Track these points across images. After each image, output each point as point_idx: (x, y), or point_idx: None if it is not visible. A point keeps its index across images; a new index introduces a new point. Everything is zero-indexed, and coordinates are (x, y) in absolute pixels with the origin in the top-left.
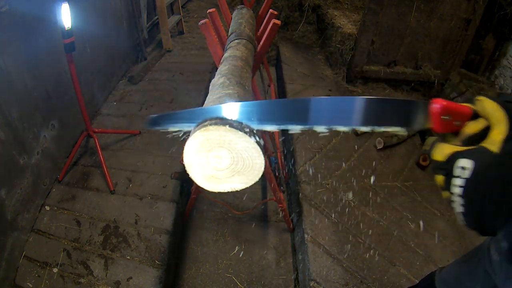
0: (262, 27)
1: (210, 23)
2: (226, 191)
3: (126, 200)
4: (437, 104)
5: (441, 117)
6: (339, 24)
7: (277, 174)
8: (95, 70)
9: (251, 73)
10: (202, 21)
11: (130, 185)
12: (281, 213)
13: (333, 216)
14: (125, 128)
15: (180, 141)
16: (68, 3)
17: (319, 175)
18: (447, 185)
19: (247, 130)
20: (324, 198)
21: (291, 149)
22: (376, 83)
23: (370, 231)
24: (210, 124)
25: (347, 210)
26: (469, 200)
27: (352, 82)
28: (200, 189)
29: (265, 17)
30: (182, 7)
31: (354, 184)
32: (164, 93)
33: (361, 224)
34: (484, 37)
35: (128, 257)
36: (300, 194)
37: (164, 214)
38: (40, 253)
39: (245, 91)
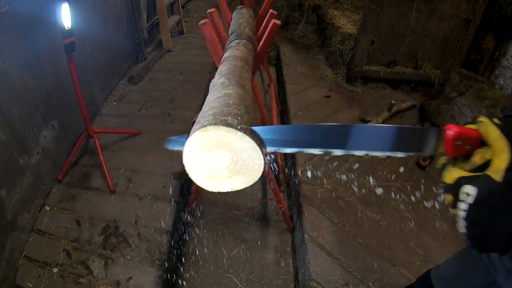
0: (262, 27)
1: (210, 23)
2: (225, 191)
3: (126, 200)
4: (451, 131)
5: (454, 143)
6: (339, 24)
7: (277, 174)
8: (95, 70)
9: (251, 73)
10: (202, 21)
11: (130, 185)
12: (281, 213)
13: (333, 216)
14: (125, 128)
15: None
16: (68, 3)
17: (319, 175)
18: (454, 206)
19: (247, 130)
20: (324, 198)
21: None
22: (376, 83)
23: (370, 231)
24: (210, 124)
25: (347, 210)
26: (472, 223)
27: (352, 82)
28: (200, 189)
29: (265, 17)
30: (182, 7)
31: (355, 184)
32: (164, 93)
33: (361, 224)
34: (484, 37)
35: (128, 257)
36: (300, 194)
37: (164, 214)
38: (40, 253)
39: (245, 91)
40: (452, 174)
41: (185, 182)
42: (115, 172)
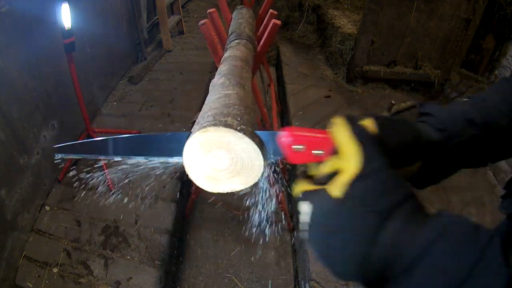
0: (262, 27)
1: (210, 23)
2: (225, 192)
3: (126, 200)
4: (284, 133)
5: (292, 147)
6: (339, 24)
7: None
8: (95, 70)
9: (251, 73)
10: (202, 21)
11: (130, 185)
12: (281, 213)
13: None
14: (125, 128)
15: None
16: (68, 3)
17: None
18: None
19: (246, 131)
20: None
21: None
22: (376, 83)
23: None
24: (210, 125)
25: None
26: (313, 245)
27: (352, 82)
28: (200, 189)
29: (265, 17)
30: (182, 7)
31: None
32: (164, 93)
33: None
34: (484, 37)
35: (128, 257)
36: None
37: (164, 214)
38: (40, 253)
39: (245, 92)
40: (296, 187)
41: (185, 182)
42: (115, 172)
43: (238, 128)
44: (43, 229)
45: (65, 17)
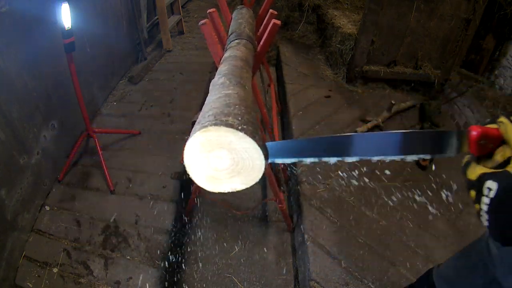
0: (262, 27)
1: (210, 23)
2: (226, 191)
3: (126, 200)
4: (475, 132)
5: (478, 142)
6: (339, 24)
7: (277, 174)
8: (95, 70)
9: (251, 73)
10: (202, 21)
11: (130, 185)
12: (281, 213)
13: (333, 216)
14: (125, 128)
15: (180, 141)
16: (68, 3)
17: (319, 175)
18: (477, 201)
19: (247, 131)
20: (324, 198)
21: None
22: (376, 83)
23: (370, 231)
24: (211, 125)
25: (347, 210)
26: (493, 216)
27: (352, 82)
28: (200, 189)
29: (265, 17)
30: (182, 7)
31: (355, 183)
32: (164, 93)
33: (361, 224)
34: (484, 37)
35: (128, 257)
36: (300, 194)
37: (164, 214)
38: (40, 253)
39: (245, 92)
40: (475, 171)
41: (185, 182)
42: (115, 172)
43: (239, 127)
44: (43, 229)
45: (65, 17)
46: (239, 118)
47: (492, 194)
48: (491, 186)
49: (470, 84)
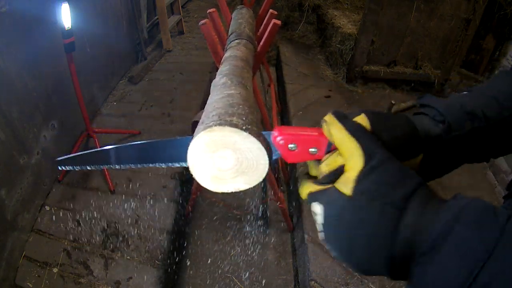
0: (262, 27)
1: (210, 23)
2: (230, 191)
3: (126, 200)
4: (275, 132)
5: (288, 146)
6: (339, 24)
7: (277, 174)
8: (95, 70)
9: (252, 73)
10: (202, 21)
11: (130, 185)
12: (281, 213)
13: None
14: (125, 128)
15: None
16: (68, 3)
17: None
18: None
19: (252, 131)
20: None
21: None
22: (376, 83)
23: None
24: (215, 125)
25: None
26: (332, 245)
27: (352, 82)
28: (200, 189)
29: (265, 17)
30: (182, 7)
31: None
32: (164, 93)
33: None
34: (484, 37)
35: (128, 257)
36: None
37: (164, 214)
38: (40, 253)
39: (247, 92)
40: (303, 188)
41: (185, 182)
42: (115, 172)
43: (244, 127)
44: (43, 229)
45: (65, 17)
46: (243, 118)
47: (319, 219)
48: (317, 210)
49: (470, 84)
